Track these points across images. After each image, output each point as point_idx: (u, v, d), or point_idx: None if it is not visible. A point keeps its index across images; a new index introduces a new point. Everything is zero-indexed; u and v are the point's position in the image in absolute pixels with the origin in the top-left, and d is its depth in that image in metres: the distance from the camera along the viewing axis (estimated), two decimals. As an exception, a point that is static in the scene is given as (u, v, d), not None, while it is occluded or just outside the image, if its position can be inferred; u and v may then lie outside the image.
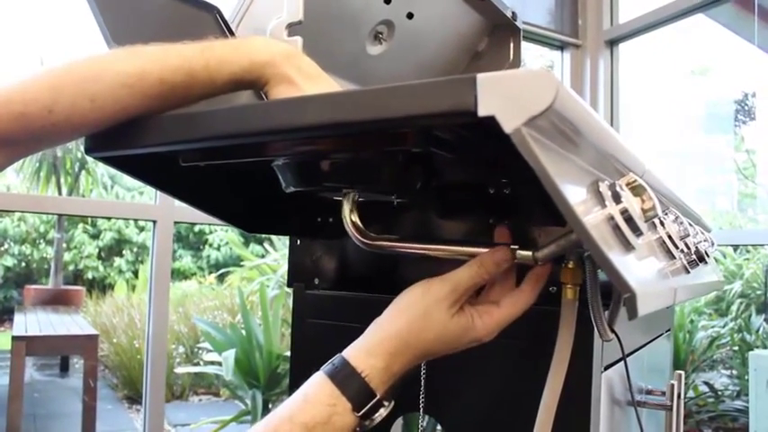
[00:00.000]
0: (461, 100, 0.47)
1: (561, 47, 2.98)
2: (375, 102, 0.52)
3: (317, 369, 0.91)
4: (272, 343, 3.59)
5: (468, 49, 1.45)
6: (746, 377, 2.79)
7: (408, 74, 1.33)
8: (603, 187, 0.55)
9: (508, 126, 0.45)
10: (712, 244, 1.17)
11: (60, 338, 4.58)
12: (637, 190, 0.57)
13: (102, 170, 9.03)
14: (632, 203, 0.55)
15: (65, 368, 6.00)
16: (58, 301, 7.45)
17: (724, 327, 3.96)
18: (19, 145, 0.65)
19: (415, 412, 0.88)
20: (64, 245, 8.99)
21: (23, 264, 9.18)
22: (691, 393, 3.55)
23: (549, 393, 0.68)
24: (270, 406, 3.55)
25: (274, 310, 3.68)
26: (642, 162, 0.73)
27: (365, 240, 0.72)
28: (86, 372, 4.35)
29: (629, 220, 0.53)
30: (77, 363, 5.82)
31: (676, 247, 0.75)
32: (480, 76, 0.46)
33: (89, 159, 8.46)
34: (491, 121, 0.46)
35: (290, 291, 1.05)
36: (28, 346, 4.04)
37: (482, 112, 0.46)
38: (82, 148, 0.72)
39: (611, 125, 2.81)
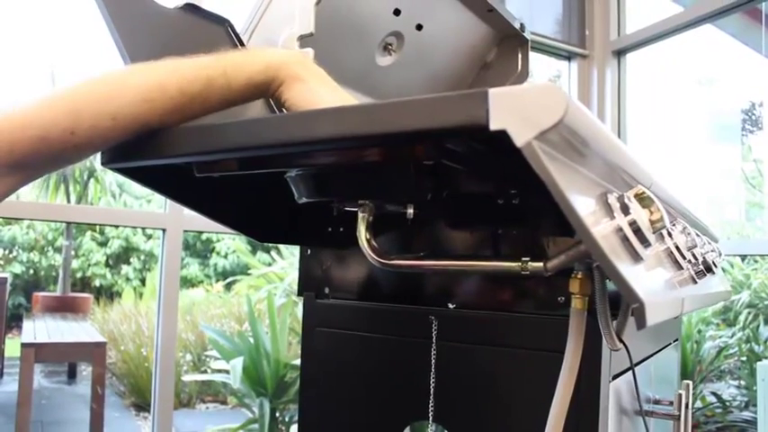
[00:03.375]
0: (473, 114, 0.48)
1: (569, 57, 2.99)
2: (388, 116, 0.53)
3: (327, 377, 0.92)
4: (280, 351, 3.59)
5: (477, 59, 1.46)
6: (754, 388, 2.78)
7: (418, 85, 1.35)
8: (612, 199, 0.56)
9: (519, 140, 0.46)
10: (720, 254, 1.18)
11: (69, 345, 4.59)
12: (645, 201, 0.58)
13: (110, 178, 9.08)
14: (641, 215, 0.56)
15: (72, 375, 6.01)
16: (65, 308, 7.48)
17: (732, 337, 3.94)
18: (37, 168, 0.66)
19: (424, 421, 0.89)
20: (72, 252, 9.03)
21: (32, 271, 9.22)
22: (699, 404, 3.54)
23: (558, 402, 0.68)
24: (277, 414, 3.55)
25: (282, 319, 3.69)
26: (650, 174, 0.74)
27: (382, 261, 0.73)
28: (94, 379, 4.36)
29: (637, 231, 0.54)
30: (85, 370, 5.84)
31: (684, 258, 0.76)
32: (492, 91, 0.47)
33: (97, 168, 8.49)
34: (503, 135, 0.47)
35: (297, 299, 1.06)
36: (37, 352, 4.05)
37: (494, 126, 0.47)
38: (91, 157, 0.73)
39: (619, 135, 2.82)
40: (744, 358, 3.81)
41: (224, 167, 0.71)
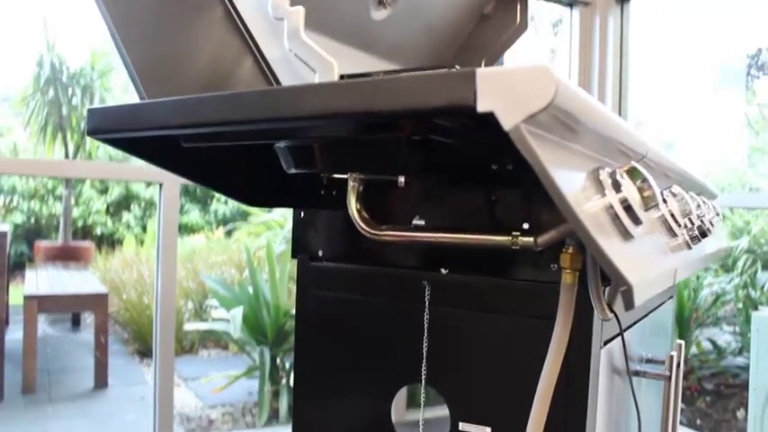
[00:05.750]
0: (461, 95, 0.47)
1: (570, 4, 2.92)
2: (375, 94, 0.51)
3: (322, 339, 0.92)
4: (280, 299, 3.63)
5: (475, 11, 1.42)
6: (749, 334, 2.82)
7: (413, 39, 1.32)
8: (604, 175, 0.55)
9: (507, 123, 0.45)
10: (717, 213, 1.17)
11: (71, 297, 4.64)
12: (637, 178, 0.57)
13: (108, 126, 8.99)
14: (632, 192, 0.55)
15: (76, 323, 6.08)
16: (67, 257, 7.51)
17: (729, 282, 3.97)
18: None
19: (416, 383, 0.90)
20: (72, 200, 9.02)
21: (33, 220, 9.23)
22: (694, 350, 3.59)
23: (548, 374, 0.69)
24: (277, 361, 3.60)
25: (281, 266, 3.71)
26: (645, 142, 0.73)
27: (372, 232, 0.73)
28: (97, 328, 4.42)
29: (628, 209, 0.53)
30: (89, 317, 5.90)
31: (678, 225, 0.75)
32: (480, 71, 0.46)
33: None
34: (490, 117, 0.46)
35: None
36: (39, 304, 4.10)
37: (481, 107, 0.46)
38: (87, 105, 0.72)
39: (621, 84, 2.77)
40: (740, 305, 3.84)
41: (210, 138, 0.69)
